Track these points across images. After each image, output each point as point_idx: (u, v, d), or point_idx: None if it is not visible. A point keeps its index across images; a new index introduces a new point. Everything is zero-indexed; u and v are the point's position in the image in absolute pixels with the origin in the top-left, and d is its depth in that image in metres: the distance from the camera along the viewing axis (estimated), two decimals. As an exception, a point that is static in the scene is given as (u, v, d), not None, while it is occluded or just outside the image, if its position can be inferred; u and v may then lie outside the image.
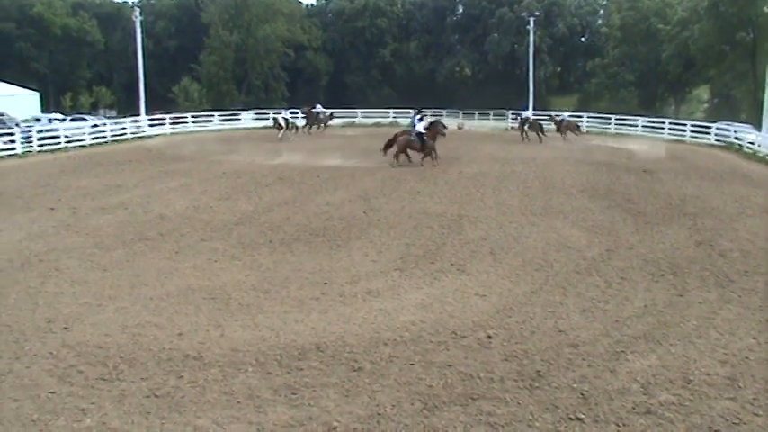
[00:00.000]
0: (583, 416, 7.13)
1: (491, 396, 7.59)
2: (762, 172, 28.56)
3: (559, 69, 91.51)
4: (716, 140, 40.50)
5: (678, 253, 14.02)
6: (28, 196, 20.58)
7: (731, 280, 12.09)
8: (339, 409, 7.29)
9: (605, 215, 17.97)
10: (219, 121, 50.31)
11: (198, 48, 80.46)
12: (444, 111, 66.60)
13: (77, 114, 55.90)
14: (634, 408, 7.31)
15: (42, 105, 64.82)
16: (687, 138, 42.47)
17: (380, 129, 50.88)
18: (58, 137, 36.04)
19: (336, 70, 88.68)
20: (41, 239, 14.98)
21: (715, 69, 64.19)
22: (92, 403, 7.40)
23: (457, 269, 12.81)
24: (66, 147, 35.23)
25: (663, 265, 13.01)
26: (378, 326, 9.74)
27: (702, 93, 75.79)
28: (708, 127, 42.91)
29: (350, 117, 56.47)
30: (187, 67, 79.25)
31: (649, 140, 41.91)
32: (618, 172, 26.50)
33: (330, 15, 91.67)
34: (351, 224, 16.72)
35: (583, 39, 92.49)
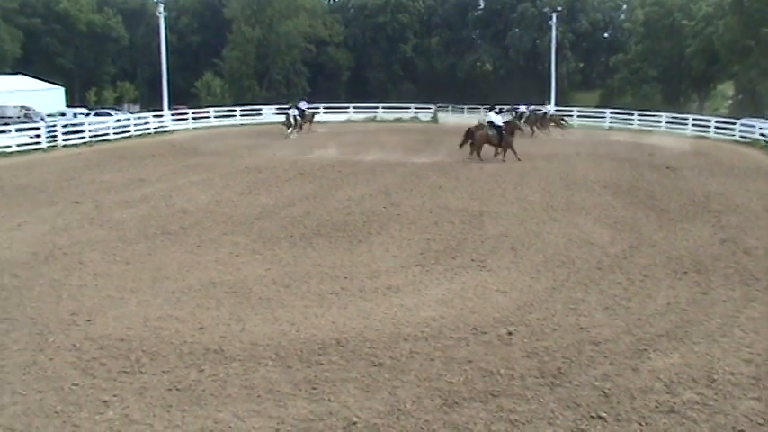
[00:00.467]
0: (605, 414, 7.07)
1: (512, 393, 7.55)
2: (788, 169, 28.11)
3: (582, 65, 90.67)
4: (740, 137, 39.90)
5: (702, 250, 13.86)
6: (52, 190, 20.82)
7: (756, 278, 11.92)
8: (359, 405, 7.29)
9: (628, 212, 17.81)
10: (241, 116, 50.47)
11: (220, 43, 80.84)
12: (465, 106, 66.29)
13: (101, 109, 56.42)
14: (657, 407, 7.23)
15: (67, 100, 65.54)
16: (711, 134, 41.92)
17: (405, 124, 50.91)
18: (83, 131, 36.39)
19: (358, 66, 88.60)
20: (65, 233, 15.15)
21: (740, 65, 63.24)
22: (114, 396, 7.46)
23: (478, 265, 12.77)
24: (90, 141, 35.55)
25: (686, 263, 12.87)
26: (398, 321, 9.74)
27: (727, 89, 74.76)
28: (732, 123, 42.31)
29: (371, 112, 56.39)
30: (210, 63, 79.66)
31: (673, 136, 41.44)
32: (641, 168, 26.23)
33: (352, 11, 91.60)
34: (371, 219, 16.72)
35: (606, 34, 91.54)
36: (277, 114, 50.91)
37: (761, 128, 39.61)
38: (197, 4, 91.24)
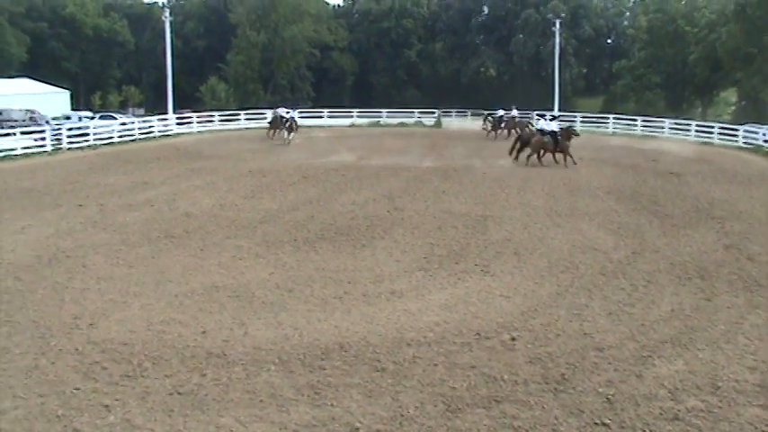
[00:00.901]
0: (609, 421, 7.04)
1: (515, 399, 7.53)
2: (792, 175, 28.05)
3: (585, 71, 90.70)
4: (744, 143, 39.83)
5: (706, 257, 13.82)
6: (56, 193, 20.84)
7: (760, 284, 11.88)
8: (362, 410, 7.27)
9: (631, 217, 17.78)
10: (246, 120, 50.55)
11: (225, 48, 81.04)
12: (469, 111, 66.34)
13: (106, 112, 56.54)
14: (661, 414, 7.20)
15: (72, 103, 65.77)
16: (715, 140, 41.85)
17: (409, 129, 50.89)
18: (88, 134, 36.43)
19: (362, 70, 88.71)
20: (69, 236, 15.16)
21: (742, 72, 63.19)
22: (116, 400, 7.45)
23: (481, 270, 12.74)
24: (95, 144, 35.60)
25: (690, 269, 12.83)
26: (401, 326, 9.71)
27: (730, 95, 74.70)
28: (735, 129, 42.22)
29: (375, 117, 56.47)
30: (214, 67, 79.83)
31: (676, 142, 41.38)
32: (644, 174, 26.19)
33: (356, 16, 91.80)
34: (375, 223, 16.71)
35: (609, 40, 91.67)
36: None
37: (764, 134, 39.53)
38: (203, 9, 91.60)
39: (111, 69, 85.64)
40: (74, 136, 35.33)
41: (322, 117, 53.17)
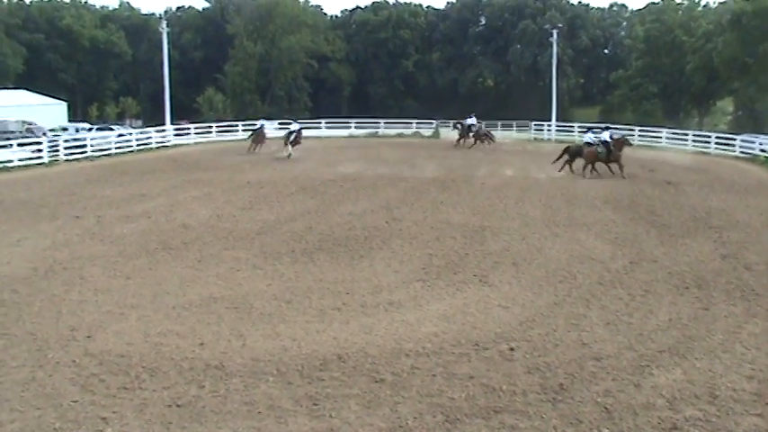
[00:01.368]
0: (607, 431, 7.04)
1: (514, 409, 7.52)
2: (789, 184, 28.13)
3: (582, 81, 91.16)
4: (741, 152, 39.96)
5: (703, 266, 13.83)
6: (53, 205, 20.83)
7: (757, 294, 11.89)
8: (360, 421, 7.25)
9: (629, 227, 17.80)
10: (243, 131, 50.61)
11: (223, 58, 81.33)
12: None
13: (104, 124, 56.61)
14: (659, 423, 7.20)
15: (70, 115, 65.81)
16: (711, 150, 41.96)
17: (407, 140, 50.93)
18: (85, 146, 36.46)
19: (359, 81, 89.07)
20: (66, 248, 15.14)
21: (739, 81, 63.54)
22: (113, 412, 7.43)
23: (479, 280, 12.74)
24: (92, 156, 35.61)
25: (687, 278, 12.85)
26: (400, 337, 9.71)
27: (727, 105, 75.02)
28: (732, 139, 42.37)
29: (373, 127, 56.59)
30: (212, 78, 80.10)
31: (673, 152, 41.48)
32: (641, 184, 26.25)
33: (354, 26, 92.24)
34: (373, 234, 16.71)
35: (606, 50, 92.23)
36: (279, 129, 51.02)
37: (761, 144, 39.68)
38: (200, 20, 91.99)
39: (107, 81, 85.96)
40: (71, 148, 35.37)
41: (320, 128, 53.21)
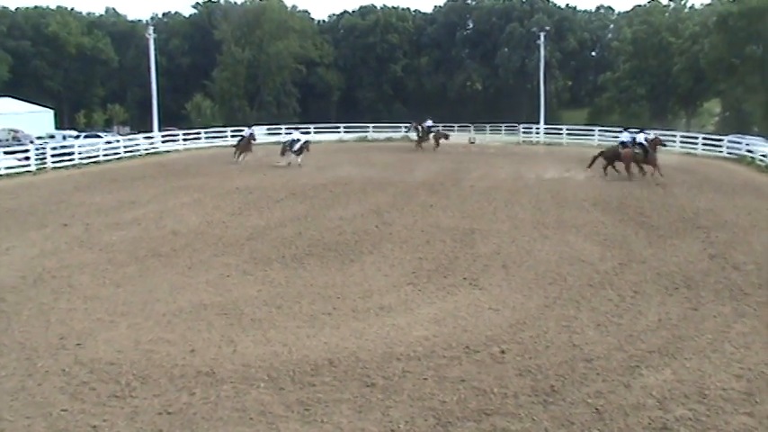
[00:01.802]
0: (598, 432, 7.07)
1: (505, 412, 7.54)
2: (775, 184, 28.34)
3: (570, 83, 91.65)
4: (728, 153, 40.22)
5: (692, 266, 13.92)
6: (41, 213, 20.71)
7: (745, 293, 11.98)
8: (352, 426, 7.25)
9: (618, 228, 17.88)
10: (232, 137, 50.52)
11: (210, 64, 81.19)
12: (456, 125, 66.55)
13: (91, 131, 56.35)
14: (650, 423, 7.23)
15: (57, 123, 65.49)
16: (699, 151, 42.23)
17: (396, 144, 50.94)
18: (72, 153, 36.26)
19: (348, 86, 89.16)
20: (54, 256, 15.06)
21: (725, 83, 64.03)
22: (104, 420, 7.39)
23: (470, 283, 12.77)
24: (79, 163, 35.42)
25: (676, 279, 12.92)
26: (391, 341, 9.71)
27: (713, 106, 75.56)
28: (719, 140, 42.66)
29: (362, 132, 56.64)
30: (200, 84, 79.93)
31: (661, 153, 41.65)
32: (630, 185, 26.37)
33: (342, 31, 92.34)
34: (363, 238, 16.71)
35: (594, 53, 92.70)
36: (268, 135, 51.01)
37: (747, 144, 39.96)
38: (187, 26, 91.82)
39: (95, 87, 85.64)
40: (58, 155, 35.15)
41: (309, 133, 53.18)
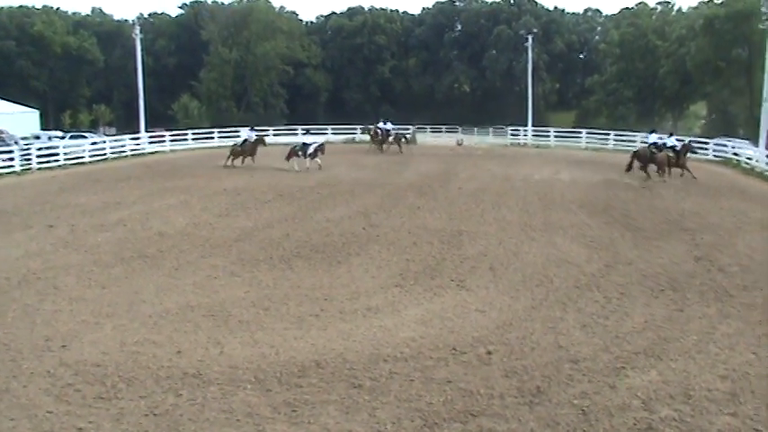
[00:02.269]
0: (583, 433, 7.10)
1: (491, 413, 7.56)
2: (760, 187, 28.59)
3: (558, 86, 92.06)
4: (714, 156, 40.54)
5: (677, 268, 14.01)
6: (26, 214, 20.56)
7: (730, 295, 12.07)
8: (339, 427, 7.25)
9: (604, 231, 17.98)
10: (219, 138, 50.39)
11: (197, 65, 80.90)
12: (443, 127, 66.71)
13: (77, 132, 55.99)
14: (635, 424, 7.28)
15: (42, 123, 64.97)
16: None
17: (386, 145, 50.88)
18: (57, 154, 36.01)
19: (335, 87, 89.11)
20: (39, 257, 14.95)
21: (712, 85, 64.57)
22: (89, 422, 7.35)
23: (457, 285, 12.80)
24: (65, 164, 35.20)
25: (662, 281, 13.00)
26: (378, 342, 9.72)
27: (700, 108, 76.11)
28: (706, 142, 42.98)
29: (350, 133, 56.60)
30: (187, 85, 79.58)
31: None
32: (616, 188, 26.52)
33: (329, 32, 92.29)
34: (350, 240, 16.71)
35: (581, 55, 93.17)
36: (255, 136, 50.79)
37: (733, 147, 40.28)
38: (173, 26, 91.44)
39: (80, 88, 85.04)
40: (43, 156, 34.90)
41: (296, 134, 53.13)
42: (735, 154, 39.21)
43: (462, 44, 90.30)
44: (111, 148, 40.95)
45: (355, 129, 57.31)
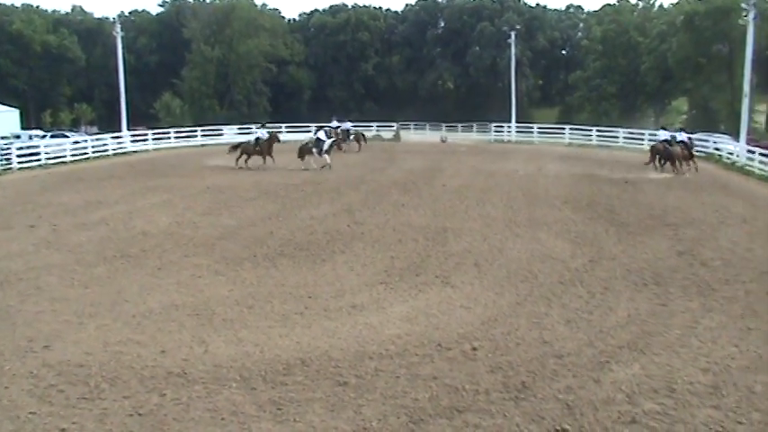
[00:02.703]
0: (568, 427, 7.13)
1: (477, 408, 7.57)
2: (740, 182, 28.89)
3: (541, 82, 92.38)
4: (695, 151, 40.79)
5: (660, 263, 14.10)
6: (7, 214, 20.35)
7: (713, 289, 12.17)
8: (324, 425, 7.23)
9: (588, 226, 18.06)
10: (202, 137, 50.16)
11: (179, 63, 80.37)
12: (427, 124, 66.80)
13: (58, 131, 55.50)
14: (619, 417, 7.32)
15: (22, 122, 64.25)
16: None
17: (368, 143, 50.84)
18: (38, 153, 35.69)
19: (319, 84, 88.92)
20: (21, 258, 14.80)
21: (693, 81, 65.03)
22: (73, 423, 7.29)
23: (441, 281, 12.81)
24: (46, 164, 34.90)
25: (645, 275, 13.08)
26: (363, 340, 9.71)
27: (681, 104, 76.61)
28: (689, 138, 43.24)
29: (356, 129, 56.54)
30: (169, 83, 79.08)
31: (631, 151, 42.25)
32: (599, 183, 26.66)
33: (312, 30, 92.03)
34: (335, 238, 16.68)
35: (564, 51, 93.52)
36: (238, 134, 50.67)
37: (714, 142, 40.61)
38: (155, 24, 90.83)
39: (61, 86, 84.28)
40: (24, 155, 34.57)
41: (280, 132, 52.95)
42: (716, 149, 39.53)
43: (445, 41, 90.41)
44: (92, 148, 40.64)
45: (339, 126, 57.17)
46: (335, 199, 22.87)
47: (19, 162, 33.59)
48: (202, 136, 50.31)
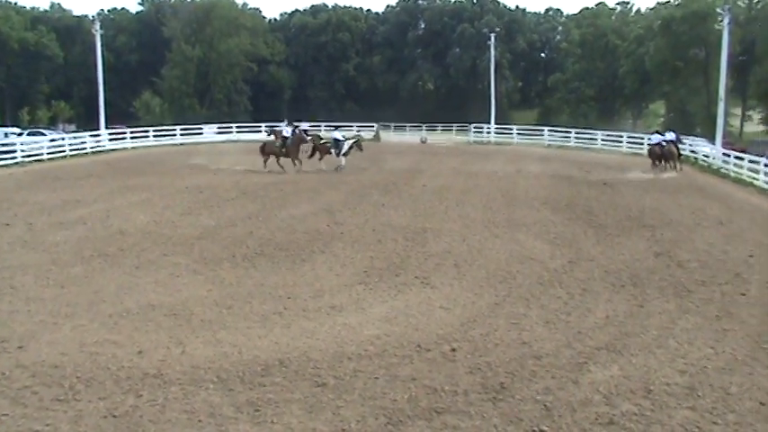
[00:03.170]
0: (546, 428, 7.14)
1: (455, 409, 7.57)
2: (716, 184, 29.24)
3: (520, 84, 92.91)
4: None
5: (638, 264, 14.21)
6: (-18, 212, 20.07)
7: (689, 290, 12.27)
8: (303, 426, 7.19)
9: (567, 227, 18.16)
10: (181, 135, 49.84)
11: (159, 62, 79.89)
12: (408, 125, 66.86)
13: (35, 128, 54.89)
14: (597, 419, 7.35)
15: (-1, 120, 63.62)
16: (645, 151, 43.19)
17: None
18: (15, 151, 35.28)
19: (300, 84, 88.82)
20: (-4, 256, 14.60)
21: (670, 85, 65.80)
22: (47, 425, 7.18)
23: (421, 282, 12.81)
24: (22, 161, 34.52)
25: (623, 277, 13.17)
26: (342, 340, 9.67)
27: (659, 107, 77.47)
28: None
29: (314, 131, 56.42)
30: (148, 81, 78.56)
31: (609, 153, 42.59)
32: (578, 185, 26.84)
33: (293, 29, 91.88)
34: (314, 238, 16.63)
35: (543, 54, 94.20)
36: (218, 134, 50.36)
37: (690, 145, 41.06)
38: (134, 23, 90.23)
39: (39, 84, 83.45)
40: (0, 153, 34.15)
41: (260, 131, 52.78)
42: (692, 152, 39.97)
43: (426, 42, 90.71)
44: (70, 146, 40.26)
45: (319, 126, 57.09)
46: (315, 199, 22.82)
47: (-6, 160, 33.19)
48: (182, 135, 49.98)
